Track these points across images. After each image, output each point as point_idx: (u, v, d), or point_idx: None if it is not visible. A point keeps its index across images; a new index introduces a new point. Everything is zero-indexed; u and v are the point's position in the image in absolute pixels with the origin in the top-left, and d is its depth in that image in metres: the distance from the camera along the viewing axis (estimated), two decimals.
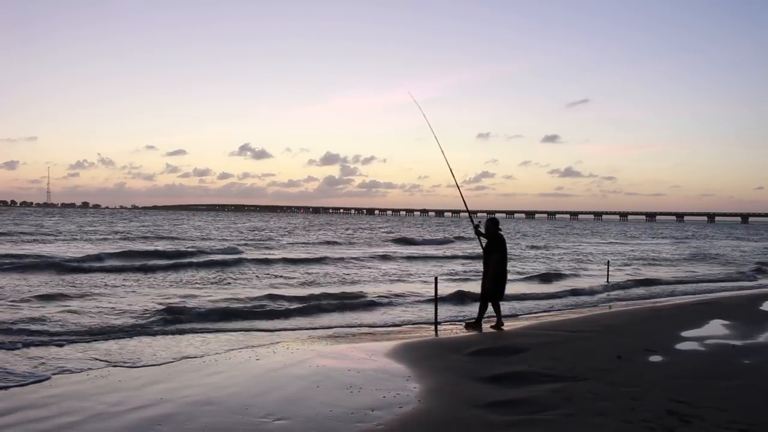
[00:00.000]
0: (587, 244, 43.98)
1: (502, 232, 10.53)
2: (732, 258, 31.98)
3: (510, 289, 11.51)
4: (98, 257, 21.53)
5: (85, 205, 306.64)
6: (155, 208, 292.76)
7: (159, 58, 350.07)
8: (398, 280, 18.29)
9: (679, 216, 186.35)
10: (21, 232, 40.22)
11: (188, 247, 28.85)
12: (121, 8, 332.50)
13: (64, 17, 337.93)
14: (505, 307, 11.69)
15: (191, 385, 6.66)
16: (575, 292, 15.86)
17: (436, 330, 10.38)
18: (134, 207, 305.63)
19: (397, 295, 14.48)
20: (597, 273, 21.22)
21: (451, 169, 11.75)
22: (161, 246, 30.03)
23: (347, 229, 63.03)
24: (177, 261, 21.72)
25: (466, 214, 12.20)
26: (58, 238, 36.23)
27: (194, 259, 22.68)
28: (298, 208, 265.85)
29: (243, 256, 24.70)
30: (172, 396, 6.21)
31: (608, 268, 20.28)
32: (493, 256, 10.29)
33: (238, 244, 32.55)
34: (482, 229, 10.63)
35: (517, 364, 7.39)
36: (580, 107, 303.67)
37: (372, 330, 10.50)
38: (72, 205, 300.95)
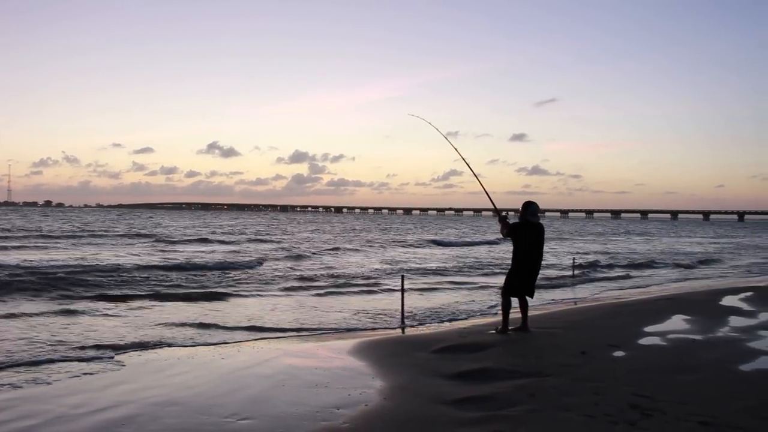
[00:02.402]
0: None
1: (537, 219, 9.24)
2: None
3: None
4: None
5: (47, 203, 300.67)
6: (120, 206, 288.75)
7: (126, 55, 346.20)
8: None
9: (644, 213, 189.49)
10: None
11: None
12: (87, 5, 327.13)
13: (27, 16, 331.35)
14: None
15: (155, 386, 6.58)
16: None
17: (402, 327, 10.40)
18: (99, 205, 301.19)
19: None
20: None
21: (483, 187, 10.34)
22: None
23: (344, 230, 61.95)
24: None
25: (434, 212, 12.01)
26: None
27: None
28: (266, 207, 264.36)
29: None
30: (135, 397, 6.12)
31: (573, 262, 20.55)
32: (517, 247, 9.18)
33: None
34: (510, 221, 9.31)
35: (482, 361, 7.43)
36: (547, 106, 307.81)
37: (339, 327, 10.48)
38: (34, 204, 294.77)
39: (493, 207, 9.83)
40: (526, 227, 9.17)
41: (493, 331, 9.33)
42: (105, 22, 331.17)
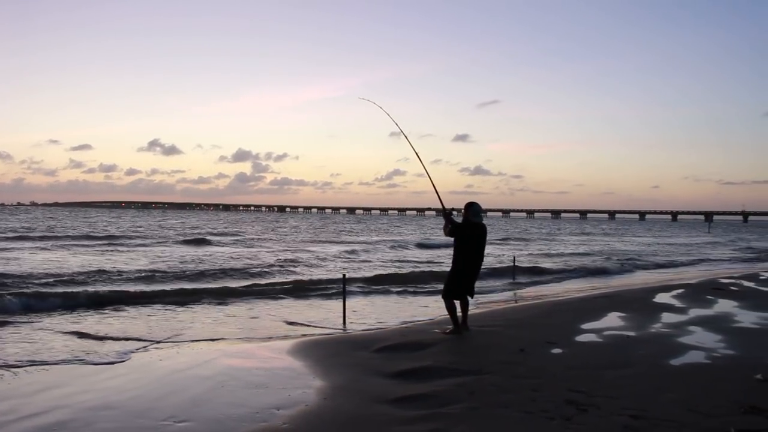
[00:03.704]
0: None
1: (480, 219, 9.21)
2: None
3: None
4: None
5: None
6: (56, 204, 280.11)
7: (63, 50, 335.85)
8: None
9: (583, 213, 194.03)
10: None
11: None
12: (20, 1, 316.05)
13: None
14: None
15: (89, 390, 6.39)
16: None
17: (344, 326, 10.38)
18: (33, 204, 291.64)
19: None
20: None
21: (433, 182, 9.92)
22: None
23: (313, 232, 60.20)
24: None
25: (378, 212, 11.93)
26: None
27: None
28: (208, 206, 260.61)
29: None
30: (68, 402, 5.94)
31: (514, 263, 20.79)
32: (458, 247, 9.15)
33: None
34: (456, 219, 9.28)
35: (423, 360, 7.48)
36: (490, 107, 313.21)
37: (282, 327, 10.37)
38: None
39: (440, 204, 9.66)
40: (468, 227, 9.17)
41: (438, 331, 9.38)
42: (39, 17, 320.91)
